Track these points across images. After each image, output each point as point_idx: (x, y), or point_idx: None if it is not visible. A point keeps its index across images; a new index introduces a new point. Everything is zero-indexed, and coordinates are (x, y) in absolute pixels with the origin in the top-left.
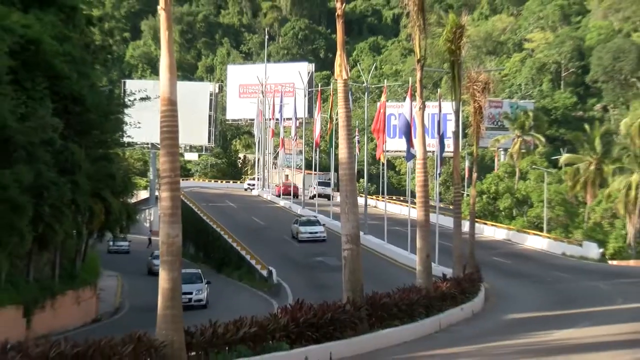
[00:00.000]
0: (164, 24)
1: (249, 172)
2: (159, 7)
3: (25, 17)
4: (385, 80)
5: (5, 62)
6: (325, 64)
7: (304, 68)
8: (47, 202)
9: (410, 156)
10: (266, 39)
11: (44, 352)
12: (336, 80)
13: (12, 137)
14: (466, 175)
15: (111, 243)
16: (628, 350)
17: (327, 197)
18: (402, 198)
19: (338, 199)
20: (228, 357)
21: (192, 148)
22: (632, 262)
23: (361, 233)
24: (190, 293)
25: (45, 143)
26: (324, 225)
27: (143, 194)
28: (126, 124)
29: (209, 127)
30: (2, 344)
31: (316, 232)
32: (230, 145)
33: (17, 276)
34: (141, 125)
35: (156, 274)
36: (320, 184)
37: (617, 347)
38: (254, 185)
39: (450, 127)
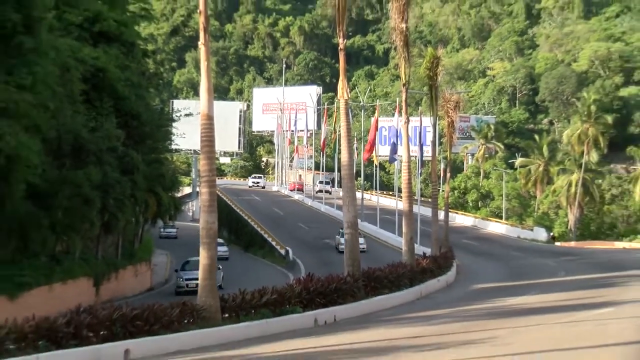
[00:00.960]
0: (204, 56)
1: (270, 173)
2: (199, 43)
3: (95, 51)
4: (378, 100)
5: (79, 86)
6: (330, 87)
7: (314, 90)
8: (111, 196)
9: (392, 159)
10: (284, 68)
11: (109, 314)
12: (339, 100)
13: (84, 145)
14: (441, 175)
15: (162, 230)
16: (567, 313)
17: (328, 192)
18: (390, 193)
19: (340, 193)
20: (254, 318)
21: (225, 153)
22: (573, 244)
23: (359, 220)
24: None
25: (110, 150)
26: (364, 237)
27: (187, 190)
28: (173, 134)
29: (239, 137)
30: (77, 307)
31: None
32: (255, 151)
33: (88, 254)
34: (185, 136)
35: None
36: (320, 182)
37: (559, 311)
38: (258, 182)
39: (429, 137)
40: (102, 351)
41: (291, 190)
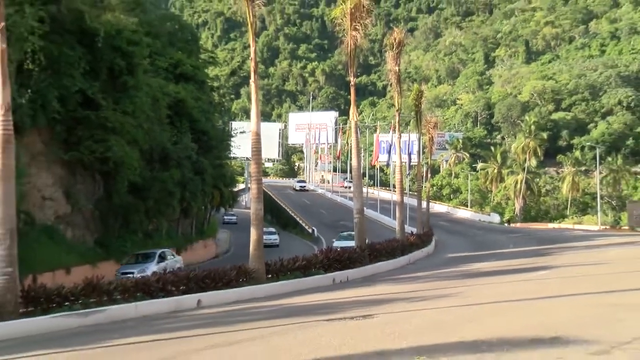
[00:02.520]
0: (254, 90)
1: (301, 174)
2: (251, 81)
3: (176, 87)
4: (378, 122)
5: (165, 112)
6: (344, 112)
7: (332, 115)
8: (187, 190)
9: (388, 164)
10: (310, 99)
11: (186, 274)
12: (350, 121)
13: (169, 154)
14: (424, 175)
15: (225, 217)
16: (514, 275)
17: (349, 187)
18: (387, 188)
19: (352, 188)
20: (289, 278)
21: (268, 160)
22: (518, 225)
23: (364, 208)
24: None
25: (186, 157)
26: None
27: (241, 186)
28: (232, 146)
29: (278, 148)
30: (159, 275)
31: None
32: (290, 157)
33: (171, 232)
34: (240, 147)
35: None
36: (347, 181)
37: (508, 273)
38: (304, 185)
39: (415, 148)
40: (181, 301)
41: (316, 186)
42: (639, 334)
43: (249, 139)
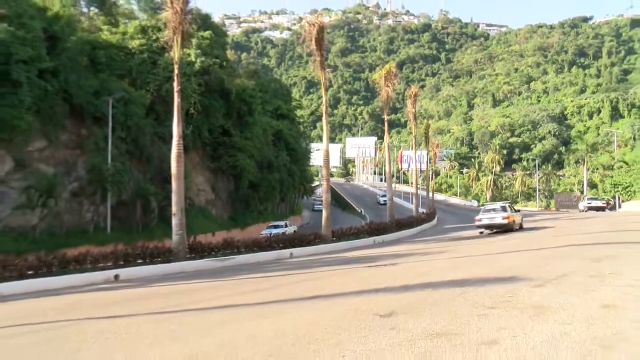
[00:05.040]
0: (325, 123)
1: (353, 176)
2: (323, 119)
3: (277, 122)
4: (401, 143)
5: (270, 138)
6: (380, 137)
7: (373, 139)
8: (284, 186)
9: (408, 169)
10: (359, 129)
11: (283, 237)
12: (384, 143)
13: (272, 163)
14: (430, 176)
15: (314, 206)
16: (487, 238)
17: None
18: (407, 184)
19: (385, 184)
20: (346, 239)
21: (333, 167)
22: None
23: (393, 196)
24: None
25: (283, 165)
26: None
27: (316, 183)
28: (311, 158)
29: (339, 159)
30: (267, 237)
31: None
32: (346, 165)
33: (274, 211)
34: (316, 159)
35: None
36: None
37: (482, 237)
38: (351, 178)
39: (425, 159)
40: (280, 253)
41: (364, 183)
42: (560, 273)
43: (321, 154)
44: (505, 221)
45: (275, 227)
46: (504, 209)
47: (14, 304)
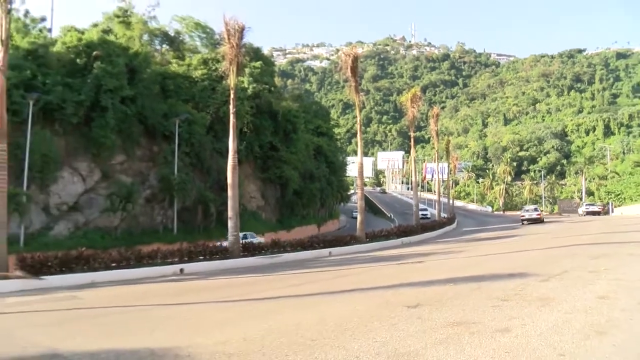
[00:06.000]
0: (360, 139)
1: (384, 185)
2: (357, 137)
3: (318, 139)
4: (426, 157)
5: (311, 151)
6: (407, 151)
7: (401, 153)
8: (323, 193)
9: (432, 179)
10: (389, 144)
11: (322, 239)
12: (411, 156)
13: (313, 174)
14: (451, 185)
15: (353, 213)
16: (500, 240)
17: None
18: (430, 192)
19: (411, 192)
20: (378, 240)
21: (366, 177)
22: (501, 212)
23: (419, 203)
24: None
25: (323, 176)
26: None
27: (352, 191)
28: (346, 169)
29: (372, 171)
30: (310, 236)
31: (531, 214)
32: (378, 176)
33: (315, 215)
34: (351, 170)
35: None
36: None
37: (496, 238)
38: (426, 213)
39: (446, 171)
40: (320, 252)
41: (393, 191)
42: (563, 269)
43: (356, 166)
44: (537, 216)
45: (245, 236)
46: (536, 209)
47: (102, 290)
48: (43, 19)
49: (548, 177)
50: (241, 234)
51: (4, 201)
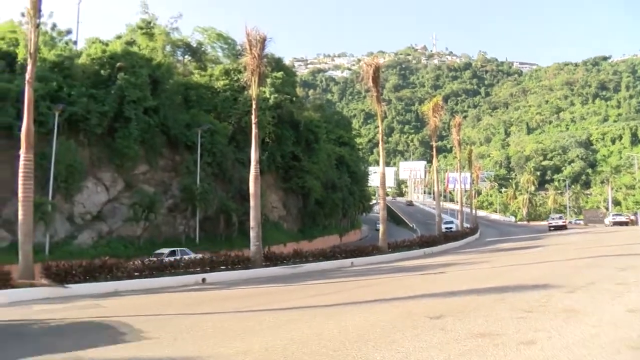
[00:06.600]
0: (381, 150)
1: (406, 195)
2: (379, 146)
3: (339, 149)
4: (448, 167)
5: (333, 162)
6: (429, 161)
7: (423, 163)
8: (346, 203)
9: (454, 189)
10: (411, 154)
11: (344, 249)
12: (433, 166)
13: (335, 183)
14: (473, 195)
15: (377, 225)
16: (523, 250)
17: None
18: (453, 202)
19: (433, 202)
20: (400, 250)
21: (388, 187)
22: (525, 222)
23: (441, 213)
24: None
25: (345, 186)
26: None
27: (374, 201)
28: (368, 179)
29: (394, 181)
30: (332, 246)
31: (558, 221)
32: (400, 186)
33: (337, 225)
34: (373, 180)
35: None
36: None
37: (519, 248)
38: (451, 227)
39: (468, 180)
40: (342, 262)
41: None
42: (589, 281)
43: (378, 176)
44: (563, 223)
45: (174, 252)
46: (561, 217)
47: (125, 299)
48: (69, 32)
49: (573, 186)
50: (166, 250)
51: (30, 210)
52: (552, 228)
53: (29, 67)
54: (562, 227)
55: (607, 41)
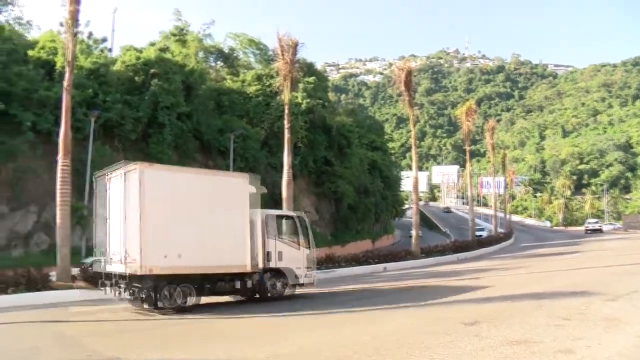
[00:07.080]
0: (414, 154)
1: (439, 200)
2: (412, 151)
3: (372, 153)
4: (481, 171)
5: (366, 167)
6: (462, 165)
7: (456, 168)
8: (378, 208)
9: (488, 193)
10: (444, 158)
11: (378, 253)
12: (466, 170)
13: (368, 188)
14: (507, 200)
15: (411, 232)
16: (560, 255)
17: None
18: (486, 207)
19: (467, 207)
20: (433, 255)
21: (421, 192)
22: (561, 227)
23: (475, 218)
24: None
25: (378, 191)
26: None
27: (406, 206)
28: (401, 184)
29: (426, 186)
30: (365, 251)
31: (594, 225)
32: (432, 190)
33: (370, 230)
34: (405, 185)
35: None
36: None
37: (556, 254)
38: (482, 234)
39: (502, 185)
40: (375, 267)
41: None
42: (632, 289)
43: (411, 180)
44: (599, 227)
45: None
46: (597, 222)
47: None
48: (104, 40)
49: (611, 191)
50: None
51: (68, 214)
52: (588, 232)
53: (66, 75)
54: (598, 231)
55: None
